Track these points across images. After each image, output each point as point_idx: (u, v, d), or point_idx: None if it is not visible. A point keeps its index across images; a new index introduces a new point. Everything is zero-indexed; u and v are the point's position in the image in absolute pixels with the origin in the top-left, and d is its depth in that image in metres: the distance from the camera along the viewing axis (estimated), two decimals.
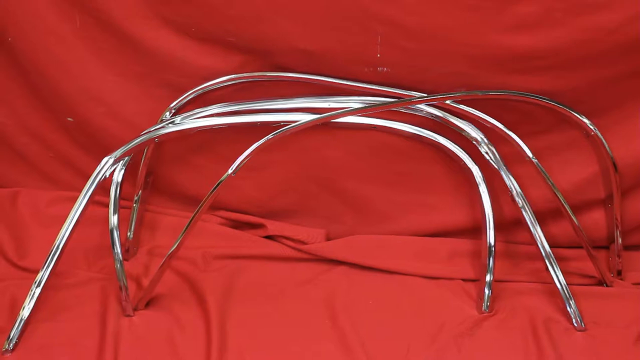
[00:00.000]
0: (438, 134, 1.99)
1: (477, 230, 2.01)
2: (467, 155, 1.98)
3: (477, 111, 1.94)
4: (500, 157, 1.95)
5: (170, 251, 1.82)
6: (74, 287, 1.93)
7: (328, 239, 2.13)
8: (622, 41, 1.84)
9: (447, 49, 1.90)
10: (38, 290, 1.81)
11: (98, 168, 1.86)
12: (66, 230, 1.81)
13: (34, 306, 1.80)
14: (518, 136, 1.94)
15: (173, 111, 2.03)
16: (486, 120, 1.94)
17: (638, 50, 1.86)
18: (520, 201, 1.93)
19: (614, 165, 1.97)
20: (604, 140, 1.96)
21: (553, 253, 1.92)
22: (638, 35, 1.83)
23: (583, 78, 1.92)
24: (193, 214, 1.80)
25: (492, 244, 1.93)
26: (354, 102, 1.98)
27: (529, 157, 1.93)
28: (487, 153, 1.95)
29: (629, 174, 2.00)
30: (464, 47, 1.89)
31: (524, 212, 1.93)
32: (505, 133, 1.93)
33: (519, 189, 1.93)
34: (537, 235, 1.92)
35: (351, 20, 1.90)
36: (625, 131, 1.98)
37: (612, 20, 1.82)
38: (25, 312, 1.79)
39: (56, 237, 1.81)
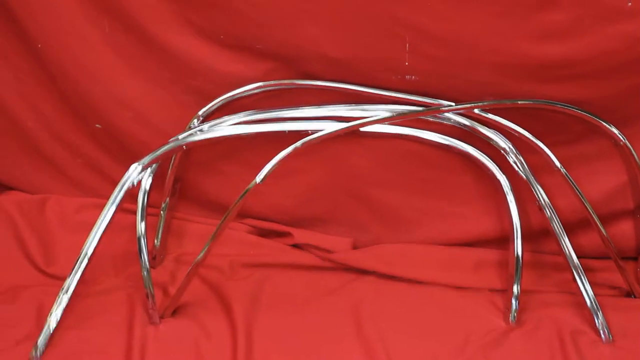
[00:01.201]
0: (466, 142, 1.98)
1: (505, 240, 2.00)
2: (495, 165, 1.97)
3: (506, 120, 1.93)
4: (528, 166, 1.94)
5: (197, 259, 1.82)
6: (101, 295, 1.94)
7: (355, 247, 2.12)
8: None
9: (475, 57, 1.89)
10: (65, 298, 1.81)
11: (126, 175, 1.87)
12: (94, 237, 1.82)
13: (61, 313, 1.81)
14: (546, 145, 1.92)
15: (201, 118, 2.03)
16: (514, 130, 1.92)
17: None
18: (548, 211, 1.92)
19: None
20: (633, 150, 1.94)
21: (581, 264, 1.90)
22: None
23: (612, 87, 1.90)
24: (220, 222, 1.80)
25: (520, 254, 1.92)
26: (382, 111, 1.97)
27: (557, 166, 1.92)
28: (515, 162, 1.94)
29: None
30: (493, 55, 1.88)
31: (551, 222, 1.92)
32: (534, 142, 1.92)
33: (547, 199, 1.92)
34: (565, 246, 1.91)
35: (379, 28, 1.89)
36: None
37: None
38: (52, 319, 1.80)
39: (84, 244, 1.82)
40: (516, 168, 1.94)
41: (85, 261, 1.82)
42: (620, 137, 1.93)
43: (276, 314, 1.91)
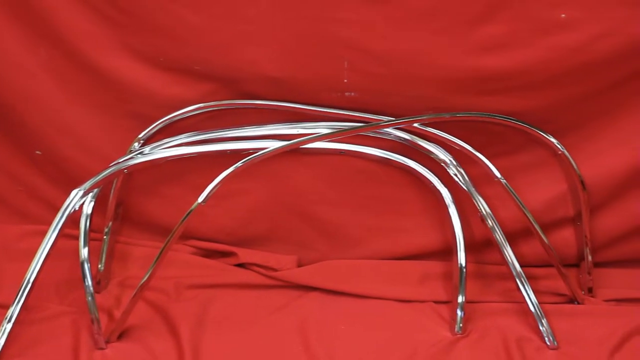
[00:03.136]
0: (407, 157, 1.99)
1: (448, 252, 2.01)
2: (436, 178, 1.98)
3: (445, 133, 1.95)
4: (469, 178, 1.96)
5: (141, 282, 1.80)
6: (46, 321, 1.91)
7: (300, 265, 2.12)
8: (587, 60, 1.87)
9: (414, 73, 1.91)
10: (9, 326, 1.79)
11: (67, 201, 1.85)
12: (36, 264, 1.80)
13: (5, 342, 1.78)
14: (486, 157, 1.94)
15: (142, 141, 2.02)
16: (454, 142, 1.94)
17: (602, 69, 1.88)
18: (490, 222, 1.93)
19: (582, 183, 1.98)
20: (571, 159, 1.97)
21: (524, 272, 1.92)
22: (602, 54, 1.85)
23: (549, 97, 1.94)
24: (164, 244, 1.78)
25: (463, 265, 1.94)
26: (323, 128, 1.98)
27: (497, 177, 1.94)
28: (456, 175, 1.96)
29: (597, 192, 2.01)
30: (432, 70, 1.90)
31: (494, 233, 1.93)
32: (474, 154, 1.94)
33: (488, 210, 1.94)
34: (507, 255, 1.92)
35: (318, 47, 1.91)
36: (592, 149, 1.99)
37: (577, 39, 1.85)
38: None
39: (27, 271, 1.79)
40: (457, 180, 1.96)
41: (29, 288, 1.79)
42: (559, 146, 1.96)
43: (223, 334, 1.89)
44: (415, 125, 1.94)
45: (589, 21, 1.83)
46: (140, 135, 2.02)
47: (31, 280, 1.79)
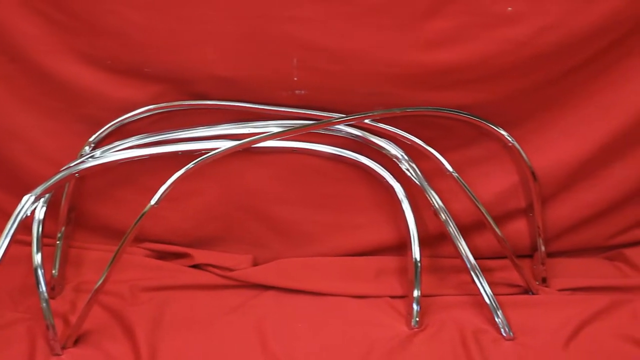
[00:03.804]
0: (359, 153, 2.00)
1: (403, 246, 2.03)
2: (389, 173, 1.99)
3: (396, 129, 1.95)
4: (421, 173, 1.97)
5: (96, 286, 1.79)
6: (0, 329, 1.89)
7: (255, 264, 2.12)
8: (533, 53, 1.88)
9: (363, 69, 1.92)
10: None
11: (19, 207, 1.83)
12: None
13: None
14: (437, 151, 1.95)
15: (92, 145, 2.01)
16: (405, 137, 1.95)
17: (549, 61, 1.90)
18: (443, 215, 1.95)
19: (532, 175, 2.00)
20: (521, 151, 1.99)
21: (478, 265, 1.93)
22: (548, 47, 1.87)
23: (498, 90, 1.95)
24: (117, 247, 1.77)
25: (418, 259, 1.94)
26: (274, 127, 1.98)
27: (449, 171, 1.95)
28: (408, 170, 1.97)
29: (548, 182, 2.03)
30: (381, 66, 1.91)
31: (447, 226, 1.94)
32: (425, 149, 1.95)
33: (441, 204, 1.95)
34: (461, 248, 1.94)
35: (267, 45, 1.91)
36: (542, 140, 2.02)
37: (523, 32, 1.86)
38: None
39: None
40: (409, 175, 1.97)
41: None
42: (509, 138, 1.98)
43: (179, 336, 1.89)
44: (367, 121, 1.95)
45: (534, 14, 1.85)
46: (90, 139, 2.01)
47: None
